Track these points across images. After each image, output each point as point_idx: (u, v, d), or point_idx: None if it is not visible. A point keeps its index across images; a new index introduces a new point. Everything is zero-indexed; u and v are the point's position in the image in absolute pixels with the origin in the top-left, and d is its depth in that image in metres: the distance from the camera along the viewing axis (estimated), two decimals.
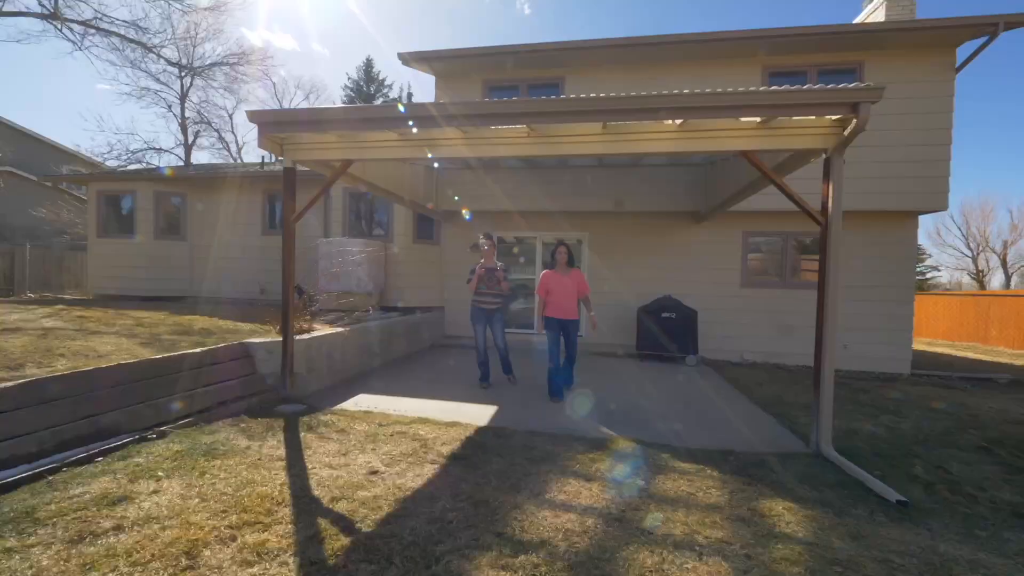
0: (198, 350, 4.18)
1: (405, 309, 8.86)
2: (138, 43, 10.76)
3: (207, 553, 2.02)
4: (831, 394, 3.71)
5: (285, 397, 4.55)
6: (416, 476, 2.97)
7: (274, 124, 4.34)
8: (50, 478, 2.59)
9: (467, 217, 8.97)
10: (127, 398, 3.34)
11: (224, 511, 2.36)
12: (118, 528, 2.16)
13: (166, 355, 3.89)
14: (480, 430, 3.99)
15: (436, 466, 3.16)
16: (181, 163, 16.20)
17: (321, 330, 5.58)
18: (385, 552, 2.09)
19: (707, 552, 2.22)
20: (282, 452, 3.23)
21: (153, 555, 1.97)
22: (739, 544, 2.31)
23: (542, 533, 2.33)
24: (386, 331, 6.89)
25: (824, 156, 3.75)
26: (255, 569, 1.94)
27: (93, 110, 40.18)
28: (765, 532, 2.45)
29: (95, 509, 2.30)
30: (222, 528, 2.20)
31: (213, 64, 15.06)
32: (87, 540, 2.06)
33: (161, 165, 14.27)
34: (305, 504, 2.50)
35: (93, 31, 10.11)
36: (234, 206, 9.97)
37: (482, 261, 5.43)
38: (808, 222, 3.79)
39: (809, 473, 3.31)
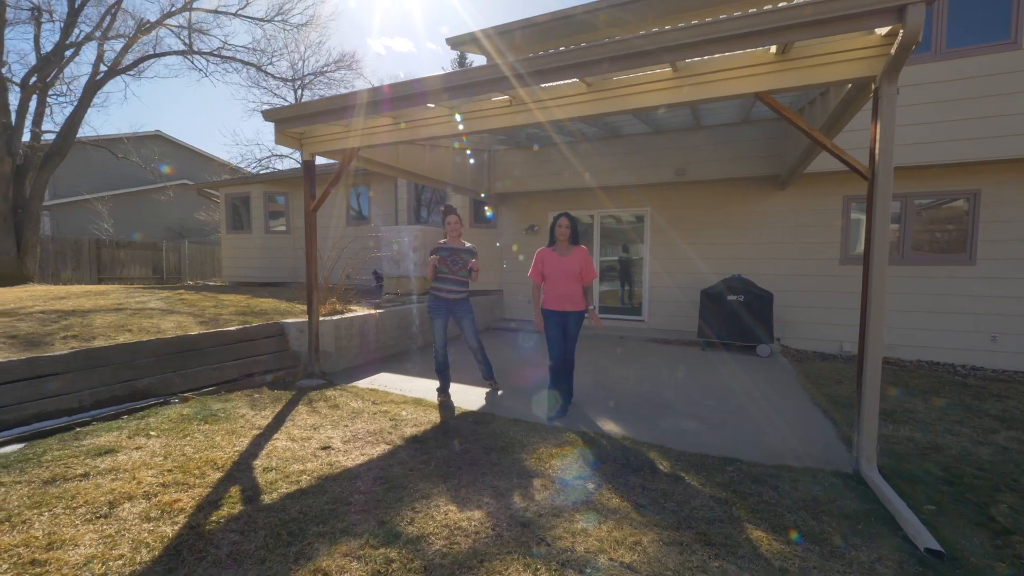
0: (233, 328, 4.76)
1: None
2: (252, 64, 12.55)
3: (127, 505, 2.29)
4: (876, 396, 2.85)
5: (310, 373, 4.98)
6: (361, 455, 3.01)
7: (293, 119, 4.64)
8: (78, 430, 3.19)
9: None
10: (161, 367, 3.95)
11: (170, 471, 2.66)
12: (84, 476, 2.56)
13: (201, 332, 4.50)
14: (464, 414, 3.91)
15: (389, 447, 3.17)
16: (297, 165, 18.58)
17: (357, 311, 5.97)
18: (262, 525, 2.16)
19: None
20: (266, 422, 3.54)
21: (86, 501, 2.30)
22: (645, 573, 1.91)
23: (427, 528, 2.19)
24: (426, 315, 7.11)
25: (873, 87, 2.83)
26: (149, 525, 2.14)
27: (228, 125, 47.06)
28: (697, 565, 1.99)
29: (81, 458, 2.76)
30: (155, 486, 2.48)
31: (313, 73, 16.91)
32: (56, 483, 2.47)
33: (279, 169, 16.48)
34: (237, 472, 2.69)
35: (217, 59, 12.05)
36: (327, 201, 11.11)
37: (444, 240, 4.30)
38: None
39: (825, 497, 2.61)
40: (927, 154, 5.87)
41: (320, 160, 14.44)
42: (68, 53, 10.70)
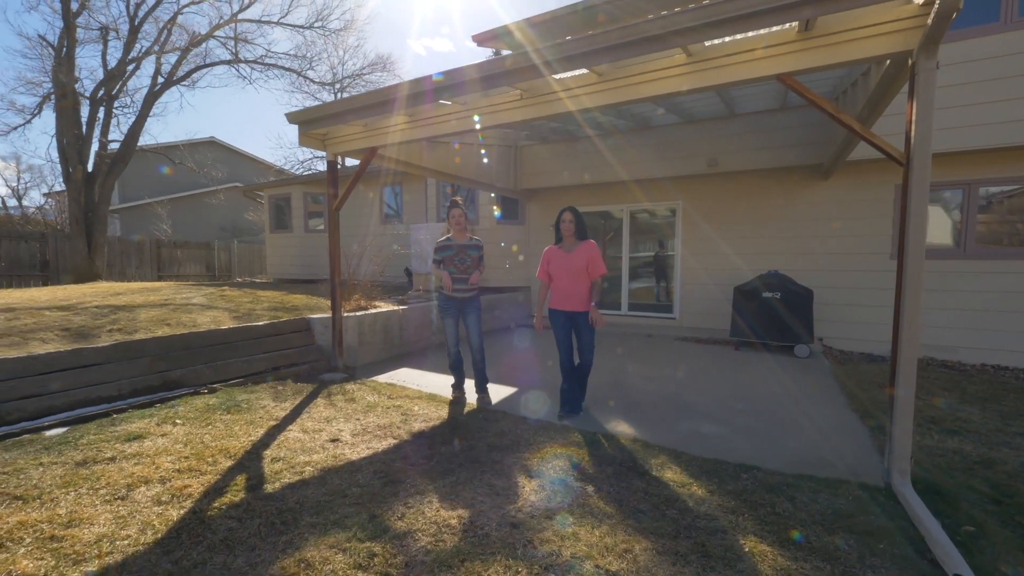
0: (261, 323, 4.99)
1: (491, 289, 9.09)
2: (293, 70, 13.11)
3: (142, 489, 2.44)
4: (910, 401, 2.60)
5: (334, 367, 5.14)
6: (367, 449, 3.07)
7: (314, 121, 4.79)
8: (114, 416, 3.43)
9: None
10: (193, 359, 4.19)
11: (187, 457, 2.81)
12: (111, 459, 2.75)
13: (231, 327, 4.74)
14: (475, 411, 3.91)
15: (396, 441, 3.21)
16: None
17: (381, 307, 6.11)
18: (259, 513, 2.24)
19: None
20: (284, 414, 3.67)
21: (108, 484, 2.47)
22: None
23: (416, 524, 2.20)
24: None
25: (909, 62, 2.57)
26: (159, 508, 2.27)
27: (274, 129, 49.26)
28: None
29: (112, 443, 2.96)
30: (171, 471, 2.63)
31: (351, 76, 17.42)
32: (86, 465, 2.67)
33: (320, 170, 17.12)
34: (247, 461, 2.81)
35: (261, 66, 12.69)
36: (359, 200, 11.45)
37: (449, 235, 4.09)
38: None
39: (847, 510, 2.40)
40: (996, 135, 5.29)
41: (352, 161, 14.95)
42: (130, 68, 11.58)
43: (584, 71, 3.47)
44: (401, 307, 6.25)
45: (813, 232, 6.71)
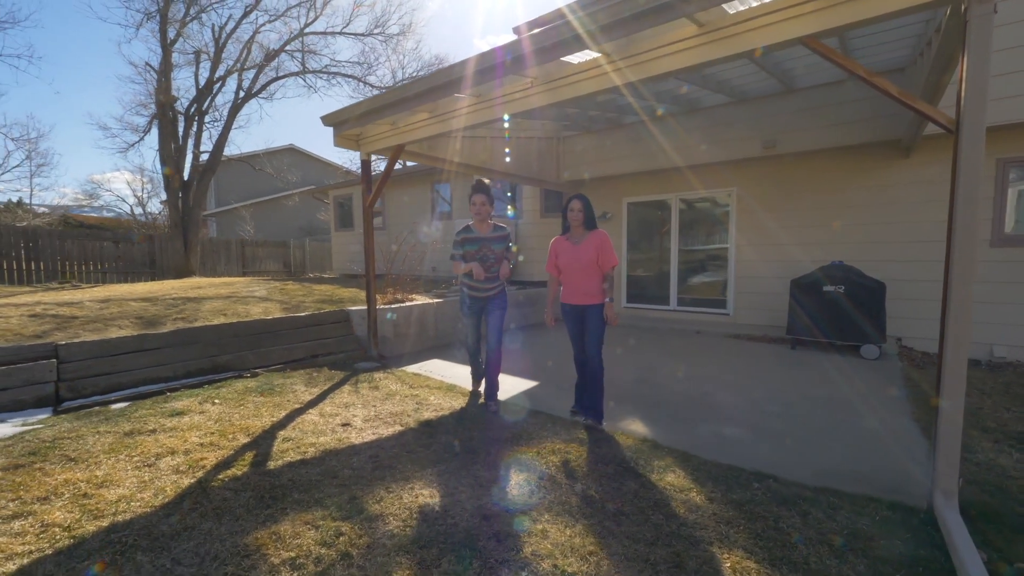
0: (304, 314, 5.36)
1: (536, 283, 9.05)
2: (354, 77, 13.90)
3: (168, 459, 2.73)
4: (959, 411, 2.20)
5: (369, 356, 5.40)
6: (373, 434, 3.19)
7: (347, 122, 5.02)
8: (168, 394, 3.87)
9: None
10: (239, 346, 4.61)
11: (212, 433, 3.09)
12: (152, 431, 3.10)
13: (277, 317, 5.14)
14: (486, 404, 3.91)
15: (401, 428, 3.31)
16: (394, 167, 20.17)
17: (417, 300, 6.31)
18: (253, 487, 2.41)
19: None
20: (310, 398, 3.92)
21: (142, 453, 2.79)
22: None
23: (390, 508, 2.25)
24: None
25: (962, 8, 2.16)
26: (175, 477, 2.53)
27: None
28: None
29: (157, 417, 3.34)
30: (195, 445, 2.91)
31: (410, 79, 18.05)
32: (129, 434, 3.04)
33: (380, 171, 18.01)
34: (262, 439, 3.03)
35: (326, 75, 13.59)
36: (413, 199, 11.91)
37: (470, 224, 3.68)
38: None
39: (869, 532, 2.10)
40: None
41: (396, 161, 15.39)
42: (216, 85, 12.92)
43: (597, 54, 3.32)
44: (436, 300, 6.42)
45: (889, 218, 5.91)
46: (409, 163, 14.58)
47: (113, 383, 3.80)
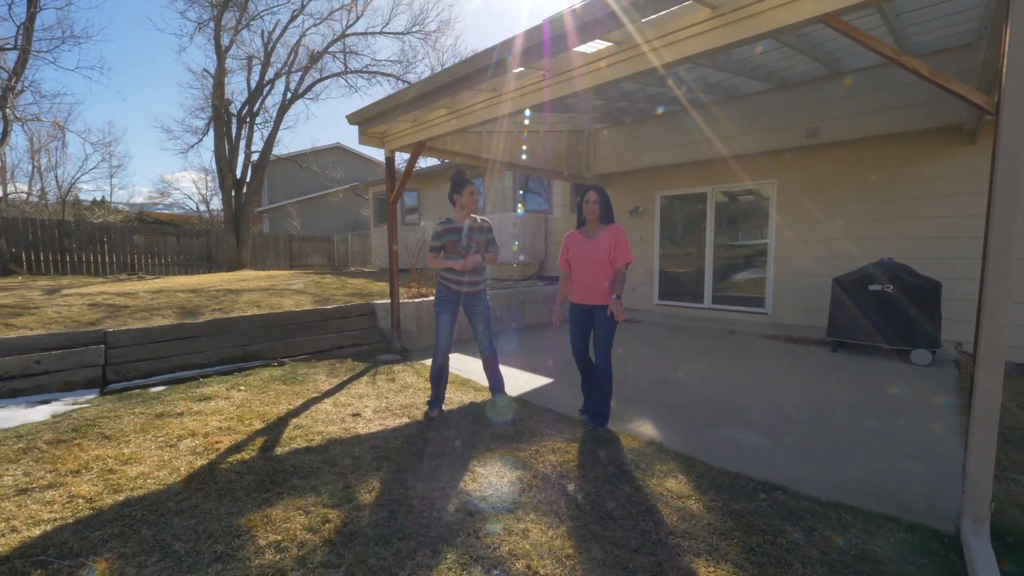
0: (331, 307, 5.56)
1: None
2: (393, 75, 14.22)
3: (188, 440, 2.92)
4: (993, 426, 1.97)
5: (391, 349, 5.54)
6: (379, 425, 3.27)
7: (371, 119, 5.14)
8: (200, 380, 4.14)
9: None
10: (269, 336, 4.86)
11: (231, 418, 3.28)
12: (180, 414, 3.33)
13: (305, 309, 5.37)
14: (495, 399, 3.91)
15: (408, 420, 3.38)
16: (429, 165, 20.47)
17: None
18: (257, 471, 2.53)
19: None
20: (328, 388, 4.08)
21: (166, 433, 3.00)
22: None
23: (380, 499, 2.30)
24: (514, 299, 7.22)
25: None
26: (190, 458, 2.70)
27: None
28: None
29: (187, 401, 3.58)
30: (214, 429, 3.10)
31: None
32: (159, 416, 3.28)
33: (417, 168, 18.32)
34: (275, 426, 3.18)
35: (366, 74, 14.00)
36: (445, 194, 12.06)
37: (452, 218, 3.44)
38: None
39: (875, 555, 1.93)
40: None
41: (427, 161, 15.66)
42: (266, 88, 13.62)
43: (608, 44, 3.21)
44: None
45: (947, 210, 5.37)
46: (445, 160, 14.81)
47: (153, 368, 4.11)
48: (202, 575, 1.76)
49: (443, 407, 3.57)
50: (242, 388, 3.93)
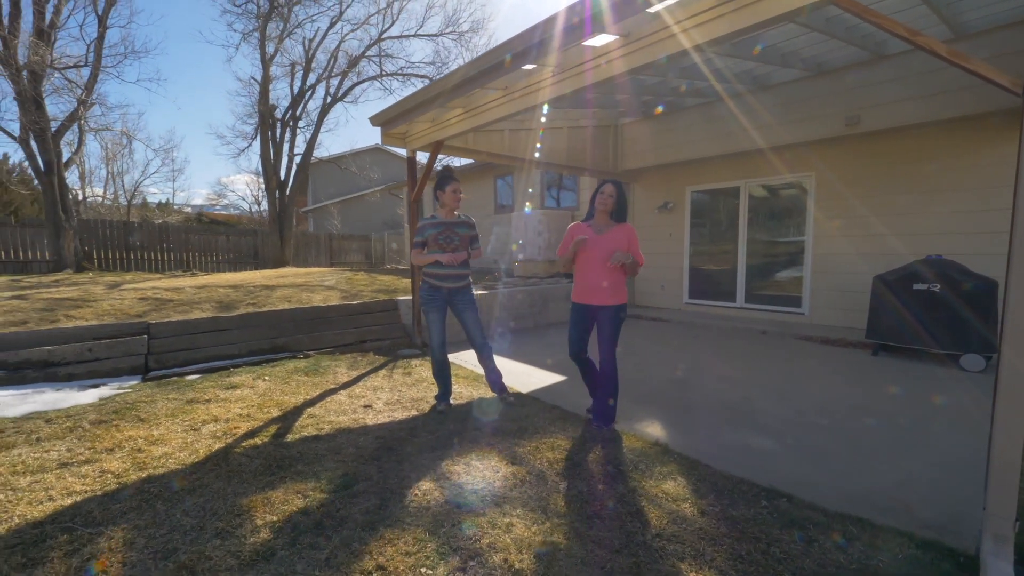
0: (355, 302, 5.77)
1: None
2: (427, 77, 14.48)
3: (210, 425, 3.12)
4: (1019, 441, 1.80)
5: (413, 344, 5.68)
6: (387, 417, 3.38)
7: (393, 120, 5.27)
8: (231, 369, 4.41)
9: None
10: (296, 330, 5.10)
11: (252, 406, 3.48)
12: (208, 400, 3.57)
13: (331, 304, 5.60)
14: (504, 394, 3.93)
15: (416, 414, 3.46)
16: (462, 163, 20.67)
17: None
18: (265, 456, 2.68)
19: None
20: (346, 380, 4.24)
21: (192, 418, 3.22)
22: None
23: (374, 488, 2.37)
24: (537, 296, 7.21)
25: None
26: (209, 441, 2.89)
27: None
28: None
29: (215, 389, 3.83)
30: (234, 415, 3.30)
31: None
32: (189, 402, 3.52)
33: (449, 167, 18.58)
34: (290, 414, 3.35)
35: (401, 76, 14.34)
36: (481, 192, 12.19)
37: (436, 214, 3.46)
38: None
39: (876, 570, 1.81)
40: None
41: (456, 161, 15.78)
42: (308, 93, 14.24)
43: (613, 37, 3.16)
44: (484, 291, 6.55)
45: (1006, 202, 4.89)
46: (461, 162, 14.95)
47: (190, 357, 4.42)
48: (202, 548, 1.89)
49: (451, 401, 3.65)
50: (267, 378, 4.16)
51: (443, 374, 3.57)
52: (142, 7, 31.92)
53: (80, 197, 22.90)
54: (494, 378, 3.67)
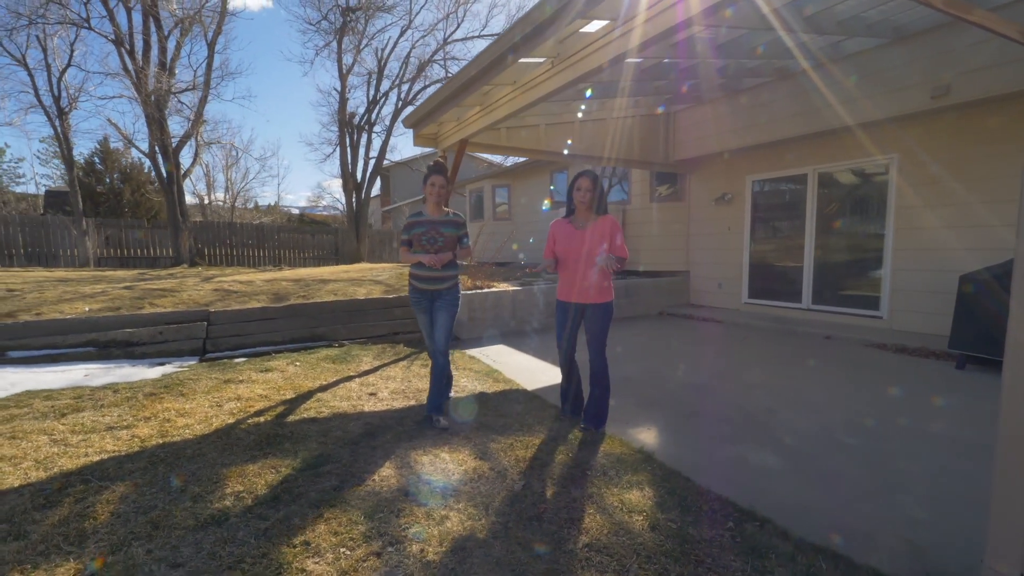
0: (391, 296, 6.08)
1: (645, 274, 8.47)
2: None
3: (232, 402, 3.51)
4: None
5: None
6: (386, 405, 3.54)
7: (422, 120, 5.47)
8: (272, 355, 4.90)
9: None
10: (334, 321, 5.51)
11: (273, 387, 3.84)
12: (240, 381, 4.01)
13: (367, 298, 5.96)
14: (511, 391, 3.93)
15: (413, 403, 3.59)
16: (517, 160, 20.63)
17: (495, 287, 6.55)
18: (262, 433, 2.95)
19: None
20: (365, 369, 4.51)
21: (220, 396, 3.64)
22: (433, 574, 1.72)
23: (338, 471, 2.52)
24: None
25: None
26: (225, 416, 3.25)
27: None
28: None
29: (251, 371, 4.28)
30: (255, 395, 3.67)
31: None
32: (226, 381, 3.98)
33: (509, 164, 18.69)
34: (301, 398, 3.64)
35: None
36: (537, 189, 12.18)
37: (423, 211, 3.24)
38: None
39: None
40: None
41: (511, 159, 15.69)
42: (381, 100, 15.21)
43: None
44: (514, 288, 6.56)
45: None
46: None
47: (240, 343, 4.98)
48: (173, 508, 2.15)
49: (452, 393, 3.73)
50: (298, 364, 4.56)
51: (440, 373, 3.44)
52: (235, 35, 36.28)
53: (206, 201, 26.68)
54: (434, 397, 3.26)
